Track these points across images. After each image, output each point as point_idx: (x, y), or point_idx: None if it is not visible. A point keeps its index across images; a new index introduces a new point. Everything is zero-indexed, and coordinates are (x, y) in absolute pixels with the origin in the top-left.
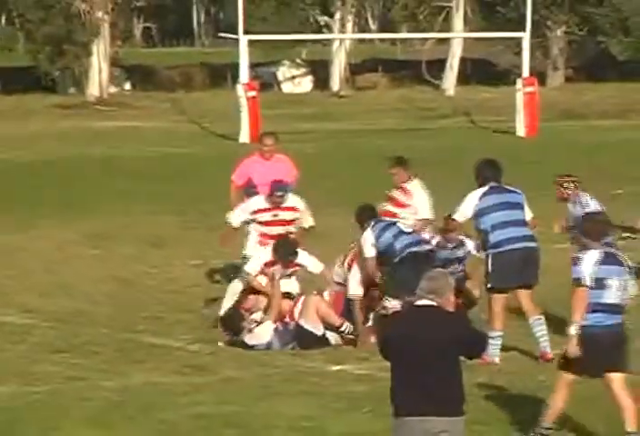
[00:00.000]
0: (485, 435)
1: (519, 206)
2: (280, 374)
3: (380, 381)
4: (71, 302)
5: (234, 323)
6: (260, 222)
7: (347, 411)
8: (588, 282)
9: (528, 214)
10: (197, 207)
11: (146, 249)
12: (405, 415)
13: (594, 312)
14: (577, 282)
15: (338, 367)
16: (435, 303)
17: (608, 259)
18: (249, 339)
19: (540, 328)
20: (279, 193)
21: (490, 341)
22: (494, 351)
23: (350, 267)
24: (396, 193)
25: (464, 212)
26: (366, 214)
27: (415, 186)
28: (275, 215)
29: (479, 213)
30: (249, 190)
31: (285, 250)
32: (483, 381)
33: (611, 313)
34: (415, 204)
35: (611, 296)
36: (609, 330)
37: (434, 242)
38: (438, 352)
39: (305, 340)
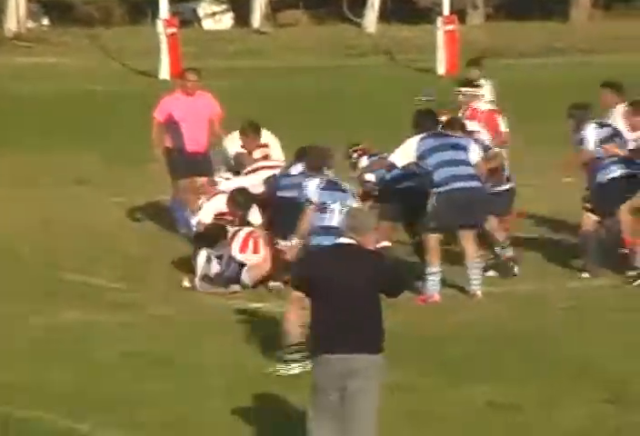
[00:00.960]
0: (404, 372)
1: (461, 147)
2: (205, 313)
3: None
4: None
5: (213, 234)
6: None
7: (269, 349)
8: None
9: (474, 157)
10: (118, 144)
11: (68, 187)
12: (324, 352)
13: (317, 234)
14: (306, 202)
15: (260, 304)
16: (354, 242)
17: (329, 185)
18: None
19: (475, 271)
20: None
21: (428, 277)
22: (433, 288)
23: None
24: (260, 152)
25: (402, 154)
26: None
27: (267, 135)
28: None
29: (422, 156)
30: (171, 126)
31: (245, 200)
32: (403, 318)
33: (331, 235)
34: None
35: (332, 219)
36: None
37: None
38: (357, 290)
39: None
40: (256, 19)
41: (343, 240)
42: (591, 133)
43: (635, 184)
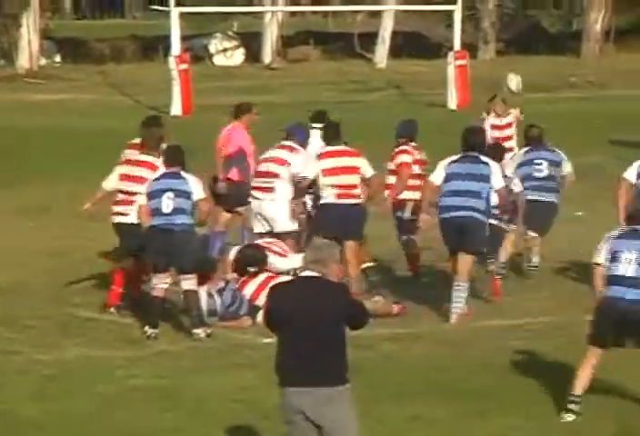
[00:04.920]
0: (423, 404)
1: (479, 177)
2: (214, 347)
3: (368, 347)
4: (5, 275)
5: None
6: None
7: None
8: None
9: (498, 184)
10: None
11: (83, 222)
12: (289, 385)
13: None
14: None
15: (270, 340)
16: (318, 274)
17: None
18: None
19: (457, 294)
20: None
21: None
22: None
23: None
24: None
25: (435, 176)
26: None
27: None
28: None
29: (444, 180)
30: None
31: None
32: (420, 351)
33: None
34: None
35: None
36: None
37: None
38: (322, 323)
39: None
40: (267, 55)
41: (307, 273)
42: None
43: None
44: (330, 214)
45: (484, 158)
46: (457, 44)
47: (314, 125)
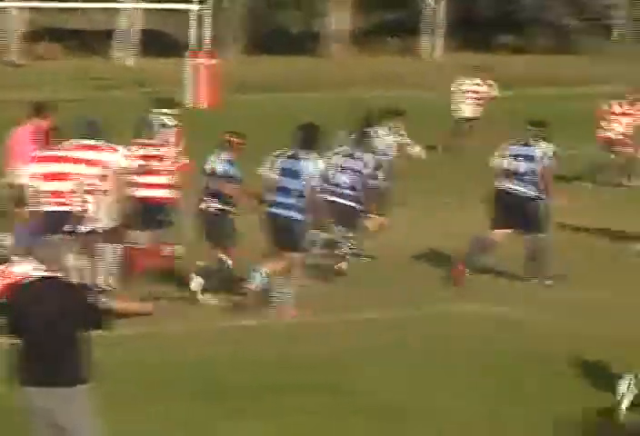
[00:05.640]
0: (125, 402)
1: (295, 174)
2: None
3: (116, 346)
4: None
5: None
6: None
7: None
8: None
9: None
10: None
11: None
12: (29, 385)
13: None
14: None
15: (15, 341)
16: (51, 274)
17: None
18: None
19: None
20: None
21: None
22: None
23: None
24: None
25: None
26: None
27: None
28: None
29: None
30: None
31: None
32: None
33: None
34: None
35: None
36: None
37: None
38: (59, 323)
39: None
40: (11, 51)
41: (43, 273)
42: None
43: None
44: (50, 222)
45: (303, 154)
46: (202, 43)
47: (164, 111)
